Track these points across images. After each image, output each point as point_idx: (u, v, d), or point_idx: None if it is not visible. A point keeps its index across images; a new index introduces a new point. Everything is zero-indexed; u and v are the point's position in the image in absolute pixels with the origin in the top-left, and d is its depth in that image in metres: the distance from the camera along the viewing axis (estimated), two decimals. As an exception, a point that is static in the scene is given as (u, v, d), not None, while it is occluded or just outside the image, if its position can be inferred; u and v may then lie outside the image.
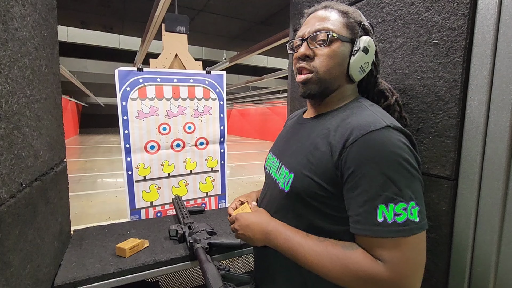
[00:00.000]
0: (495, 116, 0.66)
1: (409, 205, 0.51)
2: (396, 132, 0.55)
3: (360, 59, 0.64)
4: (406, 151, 0.53)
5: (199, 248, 0.92)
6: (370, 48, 0.64)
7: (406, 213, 0.50)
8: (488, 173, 0.68)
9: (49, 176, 0.86)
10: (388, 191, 0.51)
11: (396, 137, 0.54)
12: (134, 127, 1.48)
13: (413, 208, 0.51)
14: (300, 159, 0.64)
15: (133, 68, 1.47)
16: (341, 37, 0.63)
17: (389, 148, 0.52)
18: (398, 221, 0.50)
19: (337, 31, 0.63)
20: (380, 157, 0.52)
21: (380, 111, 0.62)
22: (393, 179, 0.51)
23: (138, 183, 1.53)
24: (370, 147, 0.53)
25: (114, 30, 3.96)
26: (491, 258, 0.67)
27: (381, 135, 0.53)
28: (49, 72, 0.90)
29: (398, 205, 0.50)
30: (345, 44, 0.64)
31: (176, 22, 1.70)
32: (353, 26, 0.65)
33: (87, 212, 3.86)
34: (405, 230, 0.50)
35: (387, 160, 0.52)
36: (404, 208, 0.50)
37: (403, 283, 0.50)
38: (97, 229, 1.22)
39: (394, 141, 0.53)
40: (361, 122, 0.57)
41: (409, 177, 0.52)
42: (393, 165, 0.52)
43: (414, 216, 0.51)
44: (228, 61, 4.44)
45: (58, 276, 0.86)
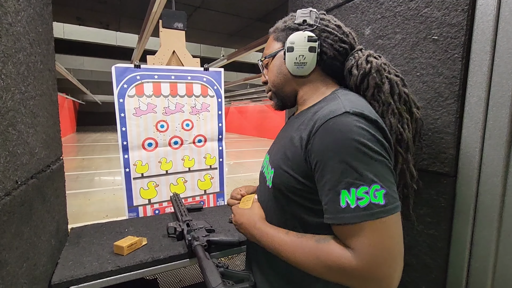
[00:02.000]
0: (494, 113, 0.66)
1: (371, 188, 0.49)
2: (354, 117, 0.53)
3: (290, 58, 0.67)
4: (364, 135, 0.51)
5: (197, 245, 0.92)
6: (295, 42, 0.65)
7: (368, 197, 0.49)
8: (486, 170, 0.68)
9: (45, 174, 0.85)
10: (348, 176, 0.50)
11: (353, 123, 0.52)
12: (131, 124, 1.47)
13: (377, 191, 0.49)
14: (279, 155, 0.66)
15: (130, 65, 1.45)
16: (270, 54, 0.72)
17: (345, 134, 0.51)
18: (360, 205, 0.49)
19: (268, 52, 0.73)
20: (337, 144, 0.52)
21: (350, 98, 0.59)
22: (351, 164, 0.50)
23: (136, 180, 1.52)
24: (328, 135, 0.53)
25: (110, 26, 3.92)
26: (490, 254, 0.68)
27: (337, 122, 0.53)
28: (45, 68, 0.89)
29: (360, 188, 0.49)
30: (277, 56, 0.71)
31: (174, 18, 1.68)
32: (280, 36, 0.71)
33: (85, 210, 3.85)
34: (368, 214, 0.48)
35: (343, 146, 0.51)
36: (366, 192, 0.49)
37: (373, 271, 0.48)
38: (94, 227, 1.21)
39: (350, 127, 0.52)
40: (324, 112, 0.56)
41: (368, 161, 0.50)
42: (350, 150, 0.50)
43: (379, 199, 0.49)
44: (226, 58, 4.42)
45: (55, 274, 0.85)
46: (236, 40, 4.52)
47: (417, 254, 0.82)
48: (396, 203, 0.50)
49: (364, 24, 0.97)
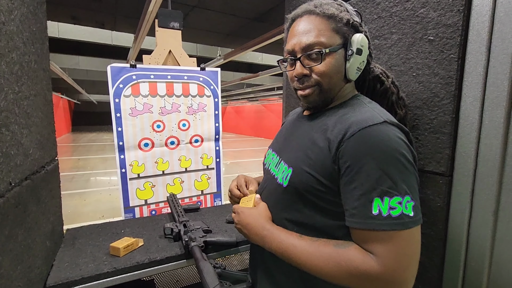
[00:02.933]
0: (489, 113, 0.67)
1: (404, 199, 0.51)
2: (393, 128, 0.55)
3: (355, 62, 0.63)
4: (402, 146, 0.54)
5: (194, 246, 0.91)
6: (364, 47, 0.62)
7: (401, 207, 0.50)
8: (482, 169, 0.68)
9: (40, 175, 0.84)
10: (383, 185, 0.51)
11: (393, 132, 0.54)
12: (127, 124, 1.46)
13: (408, 203, 0.51)
14: (299, 155, 0.65)
15: (126, 64, 1.44)
16: (333, 48, 0.62)
17: (386, 143, 0.53)
18: (392, 214, 0.50)
19: (328, 43, 0.61)
20: (377, 152, 0.52)
21: (378, 108, 0.62)
22: (388, 173, 0.51)
23: (132, 181, 1.51)
24: (367, 141, 0.53)
25: (106, 26, 3.89)
26: (485, 253, 0.68)
27: (378, 130, 0.54)
28: (39, 68, 0.88)
29: (393, 198, 0.51)
30: (338, 52, 0.63)
31: (170, 17, 1.67)
32: (342, 30, 0.62)
33: (81, 211, 3.82)
34: (399, 223, 0.50)
35: (383, 154, 0.52)
36: (399, 202, 0.51)
37: (395, 277, 0.50)
38: (90, 228, 1.20)
39: (391, 136, 0.53)
40: (359, 118, 0.57)
41: (404, 171, 0.52)
42: (389, 159, 0.52)
43: (409, 210, 0.51)
44: (222, 58, 4.41)
45: (50, 276, 0.84)
46: (233, 40, 4.51)
47: (413, 253, 0.82)
48: (420, 215, 0.53)
49: (360, 24, 0.97)
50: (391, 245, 0.50)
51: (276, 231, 0.64)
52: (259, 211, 0.69)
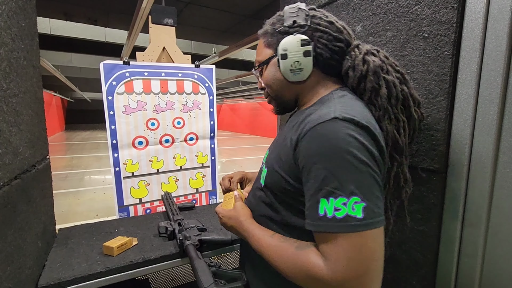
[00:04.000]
0: (483, 110, 0.67)
1: (349, 200, 0.47)
2: (343, 123, 0.51)
3: (286, 66, 0.63)
4: (350, 143, 0.49)
5: (189, 245, 0.90)
6: (288, 48, 0.62)
7: (346, 208, 0.47)
8: (475, 166, 0.69)
9: (30, 174, 0.82)
10: (329, 185, 0.49)
11: (341, 129, 0.50)
12: (121, 122, 1.44)
13: (356, 204, 0.47)
14: (274, 155, 0.66)
15: (119, 61, 1.42)
16: (264, 62, 0.69)
17: (331, 141, 0.50)
18: (337, 216, 0.48)
19: (262, 59, 0.70)
20: (323, 151, 0.50)
21: (344, 101, 0.58)
22: (334, 173, 0.49)
23: (126, 179, 1.49)
24: (315, 140, 0.52)
25: (99, 22, 3.84)
26: (478, 250, 0.69)
27: (325, 128, 0.51)
28: (28, 64, 0.86)
29: (338, 199, 0.48)
30: (271, 63, 0.68)
31: (163, 14, 1.65)
32: (271, 42, 0.67)
33: (74, 210, 3.78)
34: (344, 226, 0.47)
35: (329, 153, 0.50)
36: (344, 203, 0.48)
37: (343, 284, 0.47)
38: (83, 228, 1.19)
39: (338, 134, 0.50)
40: (315, 116, 0.55)
41: (352, 170, 0.48)
42: (334, 158, 0.49)
43: (357, 212, 0.47)
44: (217, 55, 4.38)
45: (42, 277, 0.83)
46: (228, 37, 4.49)
47: (407, 250, 0.83)
48: (377, 218, 0.48)
49: (355, 21, 0.97)
50: (339, 248, 0.48)
51: (253, 229, 0.65)
52: (236, 212, 0.72)
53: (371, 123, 0.54)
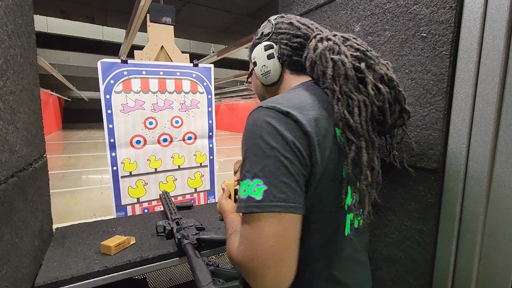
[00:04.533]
0: (480, 109, 0.67)
1: (252, 182, 0.49)
2: (264, 111, 0.53)
3: (257, 72, 0.72)
4: (264, 128, 0.51)
5: (187, 244, 0.90)
6: (256, 56, 0.70)
7: (248, 189, 0.49)
8: (473, 165, 0.69)
9: (27, 172, 0.82)
10: (244, 168, 0.52)
11: (260, 117, 0.52)
12: (118, 121, 1.44)
13: (258, 186, 0.48)
14: None
15: (117, 60, 1.42)
16: (249, 74, 0.80)
17: (250, 128, 0.53)
18: (242, 197, 0.50)
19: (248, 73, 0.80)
20: (244, 137, 0.54)
21: (287, 93, 0.61)
22: (246, 156, 0.52)
23: (124, 179, 1.49)
24: (244, 129, 0.55)
25: (96, 21, 3.82)
26: (475, 249, 0.69)
27: (250, 116, 0.55)
28: (25, 62, 0.85)
29: (245, 181, 0.50)
30: (253, 74, 0.77)
31: (162, 12, 1.65)
32: (251, 56, 0.74)
33: (72, 210, 3.76)
34: (244, 206, 0.49)
35: (247, 139, 0.53)
36: (248, 185, 0.50)
37: (243, 263, 0.49)
38: (80, 227, 1.18)
39: (256, 121, 0.53)
40: None
41: (259, 154, 0.50)
42: (249, 143, 0.52)
43: (257, 194, 0.48)
44: (216, 54, 4.37)
45: (39, 276, 0.82)
46: (226, 36, 4.48)
47: (405, 249, 0.83)
48: (278, 203, 0.48)
49: (354, 21, 0.97)
50: (243, 228, 0.51)
51: (229, 215, 0.70)
52: (220, 205, 0.78)
53: (300, 109, 0.52)
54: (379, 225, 0.91)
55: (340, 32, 0.64)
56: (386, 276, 0.89)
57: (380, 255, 0.91)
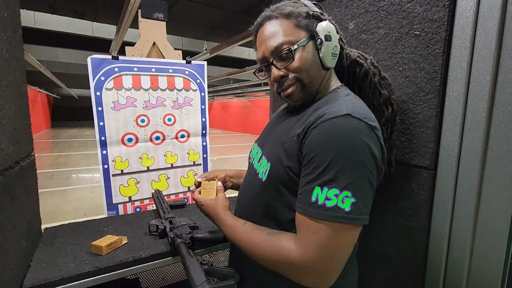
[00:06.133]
0: (472, 107, 0.68)
1: (342, 193, 0.50)
2: (354, 120, 0.53)
3: (328, 48, 0.62)
4: (356, 141, 0.52)
5: (181, 243, 0.89)
6: (331, 32, 0.62)
7: (336, 199, 0.50)
8: (465, 163, 0.70)
9: (13, 171, 0.79)
10: (326, 176, 0.51)
11: (351, 126, 0.52)
12: (109, 118, 1.41)
13: (347, 198, 0.50)
14: (277, 149, 0.65)
15: (107, 56, 1.39)
16: (301, 42, 0.62)
17: (338, 135, 0.52)
18: (327, 205, 0.50)
19: (294, 40, 0.62)
20: (328, 142, 0.52)
21: (351, 100, 0.61)
22: (334, 165, 0.51)
23: (115, 177, 1.46)
24: (324, 132, 0.54)
25: (86, 16, 3.74)
26: (467, 245, 0.70)
27: (336, 122, 0.53)
28: (11, 57, 0.82)
29: (331, 190, 0.50)
30: (308, 45, 0.63)
31: (154, 8, 1.62)
32: (305, 23, 0.63)
33: (61, 209, 3.69)
34: (329, 215, 0.50)
35: (333, 145, 0.52)
36: (336, 195, 0.50)
37: (310, 267, 0.51)
38: (70, 227, 1.15)
39: (346, 129, 0.52)
40: (327, 111, 0.57)
41: (350, 166, 0.51)
42: (337, 151, 0.51)
43: (345, 205, 0.50)
44: (208, 52, 4.34)
45: (27, 277, 0.80)
46: (219, 34, 4.45)
47: (398, 246, 0.84)
48: (362, 216, 0.51)
49: (348, 19, 0.97)
50: (316, 234, 0.51)
51: (227, 219, 0.69)
52: (215, 201, 0.76)
53: (376, 122, 0.57)
54: (372, 222, 0.91)
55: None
56: (379, 272, 0.90)
57: (374, 252, 0.91)
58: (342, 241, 0.51)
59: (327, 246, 0.50)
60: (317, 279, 0.52)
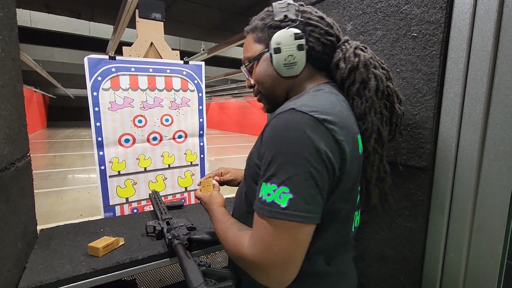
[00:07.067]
0: (469, 108, 0.68)
1: (279, 189, 0.49)
2: (298, 116, 0.51)
3: (279, 60, 0.62)
4: (297, 136, 0.50)
5: (178, 244, 0.89)
6: (282, 42, 0.61)
7: (274, 195, 0.50)
8: (461, 164, 0.70)
9: (9, 172, 0.78)
10: (269, 171, 0.52)
11: (295, 122, 0.51)
12: (106, 119, 1.40)
13: (284, 194, 0.49)
14: (254, 148, 0.67)
15: (104, 56, 1.38)
16: (255, 57, 0.67)
17: (282, 131, 0.52)
18: (267, 200, 0.51)
19: (252, 55, 0.68)
20: (272, 138, 0.53)
21: (316, 97, 0.58)
22: (275, 160, 0.51)
23: (112, 178, 1.45)
24: (270, 129, 0.54)
25: (82, 16, 3.71)
26: (463, 245, 0.71)
27: (281, 117, 0.53)
28: (7, 57, 0.82)
29: (271, 186, 0.51)
30: (263, 58, 0.66)
31: (151, 8, 1.61)
32: (262, 37, 0.66)
33: (57, 210, 3.66)
34: (266, 210, 0.50)
35: (276, 141, 0.52)
36: (274, 190, 0.50)
37: (255, 264, 0.52)
38: (67, 228, 1.14)
39: (289, 125, 0.51)
40: (280, 108, 0.58)
41: (290, 163, 0.49)
42: (278, 147, 0.51)
43: (282, 201, 0.49)
44: (206, 52, 4.33)
45: (22, 280, 0.79)
46: (217, 34, 4.44)
47: (396, 246, 0.84)
48: (301, 213, 0.48)
49: (345, 20, 0.98)
50: (260, 229, 0.52)
51: (216, 214, 0.71)
52: (210, 197, 0.79)
53: (333, 116, 0.53)
54: (370, 223, 0.92)
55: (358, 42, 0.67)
56: (377, 273, 0.90)
57: (371, 252, 0.92)
58: (280, 238, 0.50)
59: (268, 242, 0.50)
60: (267, 277, 0.52)
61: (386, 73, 0.64)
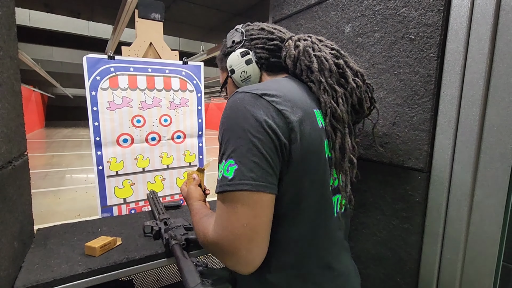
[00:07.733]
0: (465, 111, 0.69)
1: (227, 162, 0.51)
2: (239, 95, 0.55)
3: (236, 78, 0.71)
4: (236, 111, 0.53)
5: (175, 244, 0.89)
6: (233, 64, 0.70)
7: (223, 170, 0.52)
8: (458, 166, 0.71)
9: (6, 171, 0.78)
10: (221, 150, 0.54)
11: (235, 100, 0.55)
12: (105, 118, 1.40)
13: (231, 166, 0.50)
14: None
15: (103, 56, 1.38)
16: (223, 84, 0.79)
17: (225, 112, 0.55)
18: (219, 177, 0.52)
19: (221, 82, 0.80)
20: (221, 121, 0.56)
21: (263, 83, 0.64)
22: (223, 139, 0.54)
23: (110, 178, 1.45)
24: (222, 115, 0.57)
25: (82, 15, 3.71)
26: (460, 246, 0.71)
27: (227, 102, 0.57)
28: (5, 55, 0.82)
29: (221, 163, 0.53)
30: (228, 81, 0.77)
31: (151, 8, 1.61)
32: (223, 66, 0.76)
33: (54, 210, 3.64)
34: (219, 186, 0.51)
35: (222, 123, 0.55)
36: (223, 165, 0.52)
37: (216, 242, 0.51)
38: (64, 228, 1.14)
39: (230, 105, 0.55)
40: None
41: (233, 137, 0.52)
42: (224, 127, 0.54)
43: (229, 173, 0.50)
44: (205, 53, 4.33)
45: (18, 279, 0.79)
46: (216, 35, 4.45)
47: (393, 248, 0.84)
48: (246, 181, 0.49)
49: (344, 22, 0.98)
50: (218, 208, 0.52)
51: (194, 207, 0.74)
52: (187, 192, 0.84)
53: (276, 91, 0.55)
54: (367, 224, 0.92)
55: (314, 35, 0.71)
56: (373, 274, 0.91)
57: (368, 253, 0.92)
58: (234, 210, 0.49)
59: (225, 218, 0.50)
60: (235, 259, 0.50)
61: (336, 52, 0.65)
